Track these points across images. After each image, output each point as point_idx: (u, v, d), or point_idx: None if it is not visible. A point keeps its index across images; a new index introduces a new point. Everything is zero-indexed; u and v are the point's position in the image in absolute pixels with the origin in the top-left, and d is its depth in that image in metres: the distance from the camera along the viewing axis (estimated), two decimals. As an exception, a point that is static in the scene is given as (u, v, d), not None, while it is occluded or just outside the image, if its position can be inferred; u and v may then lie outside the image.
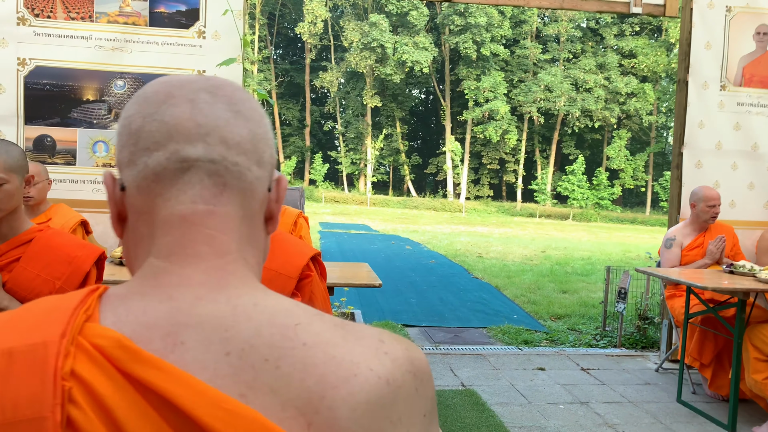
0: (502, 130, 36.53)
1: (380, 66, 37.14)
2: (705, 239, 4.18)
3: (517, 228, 25.93)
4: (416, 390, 0.54)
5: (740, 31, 4.58)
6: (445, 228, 23.19)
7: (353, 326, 0.55)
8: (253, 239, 0.59)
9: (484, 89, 35.71)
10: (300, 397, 0.48)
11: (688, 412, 3.65)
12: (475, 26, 34.40)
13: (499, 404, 3.65)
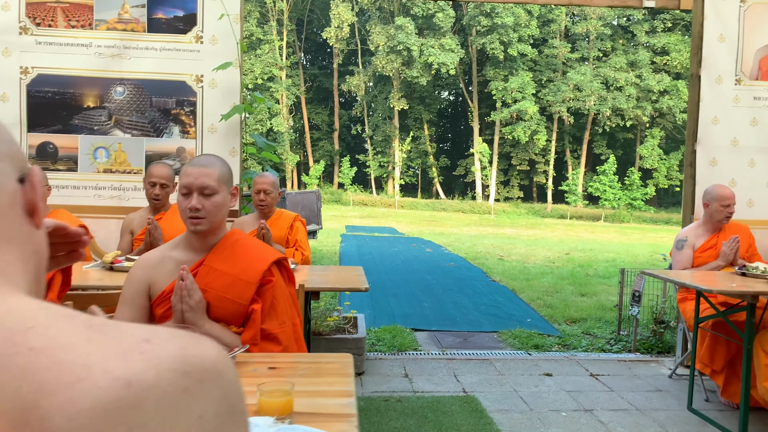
0: (531, 130, 36.08)
1: (407, 69, 37.10)
2: (719, 240, 4.00)
3: (547, 230, 25.54)
4: (185, 390, 0.48)
5: (756, 23, 4.39)
6: (472, 230, 22.99)
7: (116, 327, 0.49)
8: (5, 235, 0.54)
9: (512, 90, 35.33)
10: (13, 409, 0.43)
11: (698, 420, 3.49)
12: (501, 26, 34.08)
13: (498, 411, 3.55)
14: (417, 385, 3.97)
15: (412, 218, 30.37)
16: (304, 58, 51.24)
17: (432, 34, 36.29)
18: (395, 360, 4.52)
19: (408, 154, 42.67)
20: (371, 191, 44.56)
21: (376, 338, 5.08)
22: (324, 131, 47.91)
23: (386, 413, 3.47)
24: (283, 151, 40.25)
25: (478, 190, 41.94)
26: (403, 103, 39.19)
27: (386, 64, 36.51)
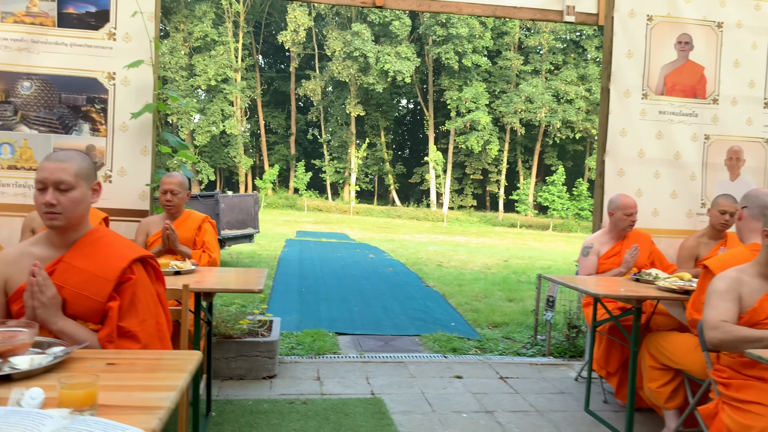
0: (484, 140, 36.67)
1: (363, 75, 37.23)
2: (623, 247, 4.15)
3: (496, 238, 25.98)
4: None
5: (662, 40, 4.59)
6: (423, 237, 23.19)
7: None
8: None
9: (466, 99, 35.87)
10: None
11: (592, 421, 3.61)
12: (456, 37, 34.59)
13: (401, 412, 3.60)
14: (326, 388, 3.98)
15: (366, 225, 30.44)
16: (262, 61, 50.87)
17: (388, 42, 36.54)
18: (310, 363, 4.52)
19: (364, 160, 42.76)
20: (327, 197, 44.44)
21: (296, 342, 5.07)
22: (280, 135, 47.57)
23: (288, 415, 3.47)
24: (237, 154, 39.76)
25: (433, 198, 42.34)
26: (360, 109, 39.29)
27: (342, 69, 36.57)
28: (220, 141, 41.25)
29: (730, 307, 2.40)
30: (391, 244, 16.52)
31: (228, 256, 10.09)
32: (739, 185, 4.73)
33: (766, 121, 4.73)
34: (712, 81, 4.66)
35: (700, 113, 4.65)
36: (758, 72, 4.71)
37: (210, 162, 41.84)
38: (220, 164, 42.70)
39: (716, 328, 2.37)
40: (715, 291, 2.44)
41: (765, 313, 2.37)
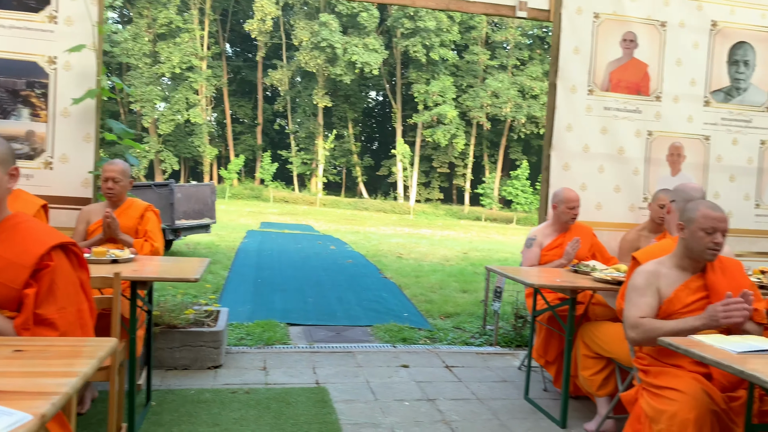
0: (451, 134, 36.91)
1: (330, 66, 37.02)
2: (565, 240, 4.25)
3: (461, 231, 26.22)
4: None
5: (608, 38, 4.70)
6: (388, 229, 23.27)
7: None
8: None
9: (433, 93, 36.00)
10: None
11: (530, 408, 3.71)
12: (424, 30, 34.65)
13: (344, 401, 3.63)
14: (271, 378, 3.99)
15: (332, 216, 30.37)
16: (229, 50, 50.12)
17: (356, 33, 36.39)
18: (258, 353, 4.52)
19: (331, 152, 42.58)
20: (293, 188, 44.17)
21: (246, 332, 5.06)
22: (247, 125, 47.04)
23: (229, 404, 3.47)
24: (201, 143, 39.15)
25: (400, 191, 42.45)
26: (327, 100, 39.09)
27: (310, 60, 36.31)
28: (185, 130, 40.56)
29: (648, 302, 2.49)
30: (355, 236, 16.54)
31: (185, 247, 9.96)
32: (680, 180, 4.88)
33: (706, 119, 4.89)
34: (655, 79, 4.79)
35: (643, 110, 4.78)
36: (699, 71, 4.86)
37: (174, 151, 41.16)
38: (185, 154, 42.03)
39: (635, 327, 2.46)
40: (633, 287, 2.53)
41: (680, 303, 2.47)
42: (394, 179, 43.96)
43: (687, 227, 2.51)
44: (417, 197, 42.84)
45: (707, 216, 2.45)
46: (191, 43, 37.15)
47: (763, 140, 5.00)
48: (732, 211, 4.99)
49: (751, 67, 4.95)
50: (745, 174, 5.00)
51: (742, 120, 4.96)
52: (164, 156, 39.30)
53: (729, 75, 4.92)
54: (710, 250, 2.44)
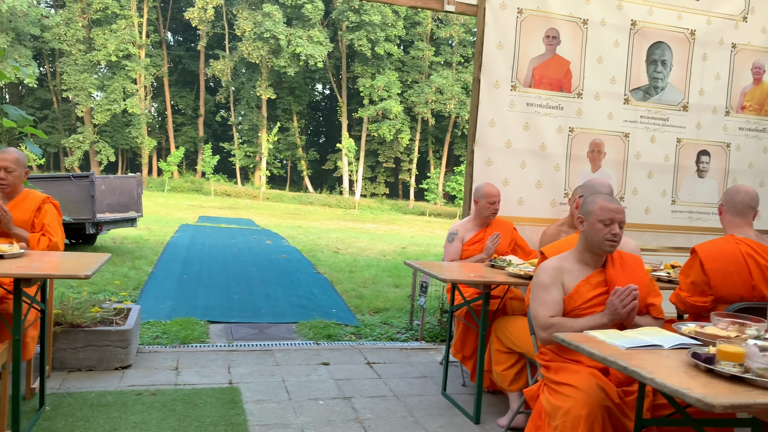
0: (396, 129, 36.97)
1: (274, 58, 36.42)
2: (486, 234, 4.25)
3: (405, 225, 26.31)
4: None
5: (531, 33, 4.71)
6: (331, 224, 23.10)
7: None
8: None
9: (378, 88, 35.96)
10: None
11: (447, 404, 3.68)
12: (369, 24, 34.52)
13: (255, 401, 3.51)
14: (183, 378, 3.82)
15: (275, 211, 29.92)
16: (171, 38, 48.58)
17: (300, 25, 35.92)
18: (171, 353, 4.33)
19: (275, 145, 41.95)
20: (236, 182, 43.31)
21: (162, 331, 4.85)
22: (189, 116, 45.75)
23: (132, 407, 3.29)
24: (139, 134, 37.85)
25: (345, 186, 42.27)
26: (270, 92, 38.44)
27: (252, 51, 35.60)
28: (122, 120, 39.10)
29: (555, 299, 2.48)
30: (294, 231, 16.31)
31: (110, 241, 9.55)
32: (600, 177, 4.97)
33: (625, 116, 4.99)
34: (577, 75, 4.85)
35: (565, 106, 4.83)
36: (619, 69, 4.95)
37: (111, 142, 39.63)
38: (122, 145, 40.53)
39: (547, 328, 2.44)
40: (539, 284, 2.52)
41: (581, 298, 2.47)
42: (339, 174, 43.73)
43: (586, 220, 2.51)
44: (363, 192, 42.77)
45: (604, 208, 2.45)
46: (128, 30, 35.76)
47: (679, 138, 5.15)
48: (650, 207, 5.12)
49: (668, 67, 5.08)
50: (663, 171, 5.14)
51: (659, 118, 5.09)
52: (100, 147, 37.77)
53: (647, 74, 5.03)
54: (609, 242, 2.45)
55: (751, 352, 1.68)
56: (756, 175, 5.37)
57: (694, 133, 5.18)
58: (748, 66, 5.28)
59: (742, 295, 3.18)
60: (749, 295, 3.18)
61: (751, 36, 5.24)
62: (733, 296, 3.18)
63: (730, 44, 5.20)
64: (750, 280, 3.16)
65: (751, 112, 5.31)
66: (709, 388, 1.62)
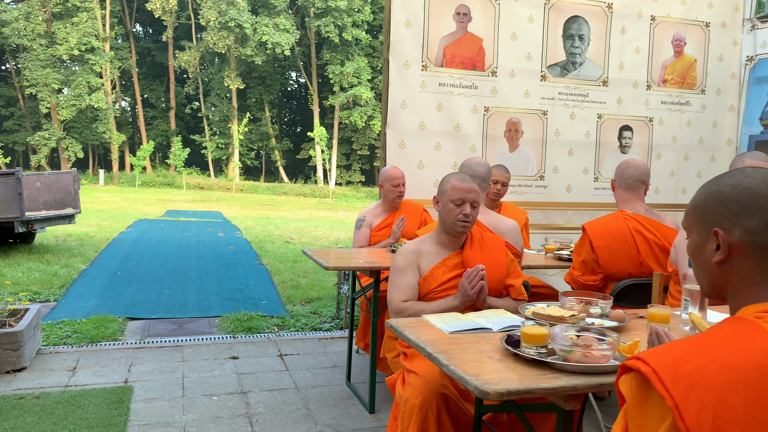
0: (368, 116, 36.69)
1: (240, 47, 35.88)
2: (394, 219, 4.15)
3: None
4: None
5: (440, 11, 4.59)
6: (303, 214, 22.87)
7: None
8: None
9: (348, 74, 35.61)
10: None
11: (348, 394, 3.59)
12: (336, 10, 34.08)
13: (146, 400, 3.39)
14: (76, 379, 3.69)
15: (247, 202, 29.59)
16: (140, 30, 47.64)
17: (266, 13, 35.36)
18: (74, 353, 4.19)
19: (247, 135, 41.48)
20: (209, 174, 42.82)
21: (74, 330, 4.70)
22: (160, 109, 45.04)
23: (8, 413, 3.16)
24: (106, 129, 37.19)
25: (320, 174, 41.99)
26: (239, 82, 37.90)
27: (218, 40, 35.01)
28: (89, 116, 38.36)
29: (410, 283, 2.39)
30: (257, 222, 16.11)
31: (52, 239, 9.33)
32: (518, 156, 4.89)
33: (543, 93, 4.90)
34: (490, 53, 4.74)
35: (479, 85, 4.72)
36: (535, 45, 4.85)
37: (79, 138, 38.87)
38: (92, 141, 39.77)
39: (399, 313, 2.36)
40: (394, 268, 2.42)
41: (436, 281, 2.38)
42: (314, 163, 43.41)
43: (440, 200, 2.42)
44: (338, 180, 42.50)
45: (456, 187, 2.36)
46: (90, 23, 34.91)
47: (600, 114, 5.08)
48: (571, 185, 5.06)
49: (586, 42, 4.99)
50: (584, 148, 5.07)
51: (579, 94, 5.01)
52: (67, 144, 37.04)
53: (565, 49, 4.94)
54: (461, 222, 2.36)
55: (553, 333, 1.60)
56: (680, 149, 5.33)
57: (615, 109, 5.11)
58: (669, 38, 5.22)
59: (631, 272, 3.12)
60: (638, 272, 3.13)
61: (670, 8, 5.17)
62: (621, 273, 3.13)
63: (649, 17, 5.13)
64: (638, 256, 3.11)
65: (673, 86, 5.25)
66: (507, 373, 1.53)
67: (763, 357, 0.94)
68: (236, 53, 36.53)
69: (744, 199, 1.06)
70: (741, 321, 1.04)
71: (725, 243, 1.07)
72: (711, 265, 1.11)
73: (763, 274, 1.06)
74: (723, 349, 0.97)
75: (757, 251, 1.05)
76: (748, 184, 1.07)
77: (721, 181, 1.11)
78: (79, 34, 33.94)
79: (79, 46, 34.09)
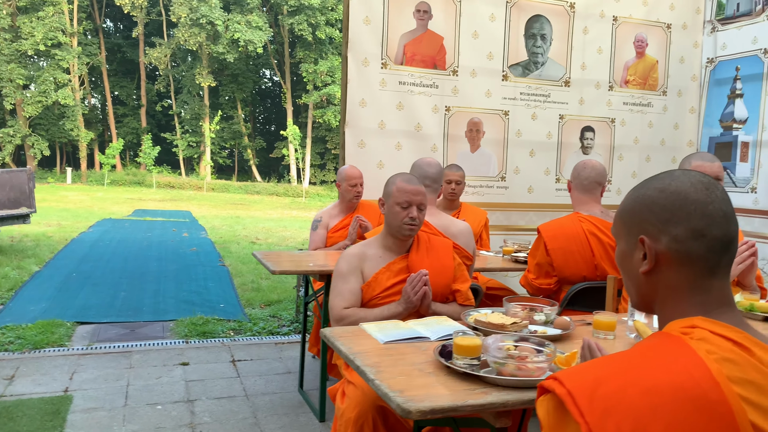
0: (341, 114, 36.48)
1: (212, 44, 35.40)
2: (352, 219, 4.05)
3: (349, 212, 25.95)
4: None
5: (400, 8, 4.49)
6: (275, 213, 22.61)
7: None
8: None
9: (322, 73, 35.38)
10: None
11: (299, 402, 3.48)
12: (309, 8, 33.82)
13: (85, 410, 3.23)
14: (13, 388, 3.50)
15: (219, 201, 29.16)
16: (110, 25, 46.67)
17: (239, 10, 34.93)
18: (14, 360, 4.00)
19: (219, 134, 40.94)
20: (180, 173, 42.17)
21: (17, 336, 4.50)
22: (131, 106, 44.18)
23: (-68, 426, 2.97)
24: (74, 126, 36.36)
25: (293, 173, 41.66)
26: (211, 79, 37.38)
27: (189, 37, 34.46)
28: (55, 112, 37.45)
29: (352, 289, 2.29)
30: (225, 222, 15.85)
31: (7, 239, 9.00)
32: (480, 157, 4.83)
33: (504, 93, 4.84)
34: (451, 52, 4.66)
35: (440, 84, 4.64)
36: (496, 44, 4.78)
37: (46, 136, 37.92)
38: (59, 138, 38.83)
39: (339, 320, 2.26)
40: (337, 273, 2.32)
41: (380, 287, 2.28)
42: (288, 162, 43.05)
43: (386, 203, 2.32)
44: (312, 179, 42.20)
45: (402, 189, 2.27)
46: (57, 18, 34.05)
47: (561, 114, 5.04)
48: (533, 186, 5.01)
49: (548, 41, 4.94)
50: (545, 149, 5.02)
51: (540, 94, 4.96)
52: (33, 141, 36.10)
53: (526, 49, 4.88)
54: (407, 226, 2.26)
55: (486, 344, 1.51)
56: (642, 150, 5.32)
57: (577, 109, 5.08)
58: (631, 39, 5.20)
59: (585, 275, 3.06)
60: (592, 275, 3.07)
61: (632, 9, 5.15)
62: (576, 276, 3.07)
63: (611, 17, 5.10)
64: (592, 259, 3.05)
65: (635, 87, 5.24)
66: (437, 388, 1.44)
67: (686, 378, 0.86)
68: (208, 50, 36.03)
69: (671, 205, 0.98)
70: (667, 337, 0.96)
71: (652, 252, 0.99)
72: (638, 276, 1.03)
73: (691, 286, 0.98)
74: (645, 369, 0.89)
75: (685, 261, 0.97)
76: (676, 188, 0.99)
77: (649, 185, 1.03)
78: (45, 29, 33.10)
79: (45, 41, 33.25)
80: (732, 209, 0.97)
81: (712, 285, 0.97)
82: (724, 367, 0.86)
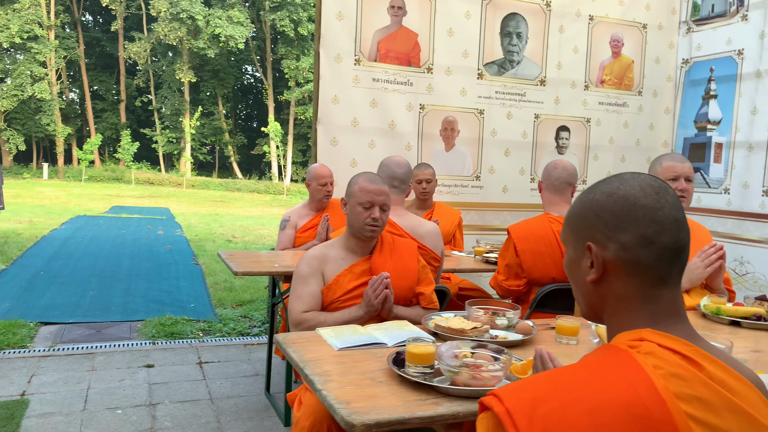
0: (323, 111, 36.28)
1: (193, 39, 34.99)
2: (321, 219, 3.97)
3: (330, 210, 25.81)
4: None
5: (374, 3, 4.42)
6: (255, 211, 22.39)
7: None
8: None
9: (303, 69, 35.15)
10: None
11: (265, 405, 3.40)
12: (291, 4, 33.59)
13: (41, 415, 3.12)
14: (-33, 392, 3.38)
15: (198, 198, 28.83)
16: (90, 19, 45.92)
17: (220, 5, 34.57)
18: (-29, 362, 3.86)
19: (199, 130, 40.51)
20: (160, 169, 41.66)
21: (-25, 336, 4.35)
22: (110, 101, 43.53)
23: None
24: (50, 121, 35.75)
25: (275, 170, 41.39)
26: (191, 75, 36.96)
27: (169, 32, 34.01)
28: (31, 107, 36.77)
29: (312, 292, 2.21)
30: (203, 219, 15.64)
31: (-26, 237, 8.79)
32: (454, 156, 4.77)
33: (480, 92, 4.79)
34: (426, 49, 4.60)
35: (415, 82, 4.58)
36: (472, 42, 4.73)
37: (22, 130, 37.21)
38: (36, 133, 38.12)
39: (298, 324, 2.18)
40: (297, 275, 2.24)
41: (341, 289, 2.21)
42: (269, 159, 42.74)
43: (348, 202, 2.25)
44: (294, 176, 41.95)
45: (364, 189, 2.20)
46: (33, 10, 33.41)
47: (537, 114, 5.00)
48: (507, 186, 4.97)
49: (524, 40, 4.90)
50: (520, 148, 4.99)
51: (516, 93, 4.92)
52: (8, 135, 35.42)
53: (502, 47, 4.84)
54: (369, 227, 2.19)
55: (440, 352, 1.44)
56: (617, 150, 5.30)
57: (552, 109, 5.04)
58: (607, 39, 5.18)
59: (554, 277, 3.02)
60: (561, 277, 3.03)
61: (608, 8, 5.13)
62: (545, 278, 3.02)
63: (588, 16, 5.08)
64: (562, 261, 3.00)
65: (611, 87, 5.22)
66: (387, 399, 1.37)
67: (631, 395, 0.80)
68: (188, 45, 35.61)
69: (619, 210, 0.92)
70: (613, 351, 0.90)
71: (599, 259, 0.94)
72: (586, 284, 0.97)
73: (639, 296, 0.93)
74: (589, 385, 0.83)
75: (632, 270, 0.92)
76: (624, 192, 0.93)
77: (598, 189, 0.98)
78: (21, 21, 32.45)
79: (21, 34, 32.60)
80: (683, 215, 0.92)
81: (662, 295, 0.92)
82: (671, 383, 0.81)
